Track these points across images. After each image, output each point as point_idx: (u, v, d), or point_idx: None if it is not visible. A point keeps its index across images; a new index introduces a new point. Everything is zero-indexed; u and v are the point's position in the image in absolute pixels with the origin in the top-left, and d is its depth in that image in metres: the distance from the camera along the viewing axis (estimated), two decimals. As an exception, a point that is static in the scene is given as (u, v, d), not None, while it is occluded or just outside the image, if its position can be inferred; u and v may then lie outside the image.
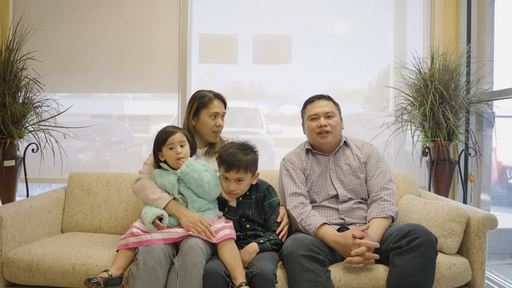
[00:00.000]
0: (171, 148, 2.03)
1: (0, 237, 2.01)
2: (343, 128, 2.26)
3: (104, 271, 1.84)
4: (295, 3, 3.14)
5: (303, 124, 2.29)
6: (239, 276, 1.80)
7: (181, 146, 2.04)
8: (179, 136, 2.05)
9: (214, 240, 1.87)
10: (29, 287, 2.02)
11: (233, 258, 1.84)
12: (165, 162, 2.09)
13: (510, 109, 2.74)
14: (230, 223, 1.98)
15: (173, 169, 2.06)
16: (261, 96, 3.30)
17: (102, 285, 1.77)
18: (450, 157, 2.72)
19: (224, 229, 1.91)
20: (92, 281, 1.75)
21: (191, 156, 2.10)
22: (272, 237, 1.99)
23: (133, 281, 1.79)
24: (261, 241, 1.96)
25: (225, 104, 2.29)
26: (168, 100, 3.16)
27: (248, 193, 2.07)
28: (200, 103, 2.23)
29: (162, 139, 2.05)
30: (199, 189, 1.98)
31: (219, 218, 2.01)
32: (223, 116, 2.28)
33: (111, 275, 1.82)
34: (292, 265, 1.80)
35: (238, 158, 1.93)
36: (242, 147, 1.99)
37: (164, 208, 1.98)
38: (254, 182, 2.06)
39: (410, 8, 3.16)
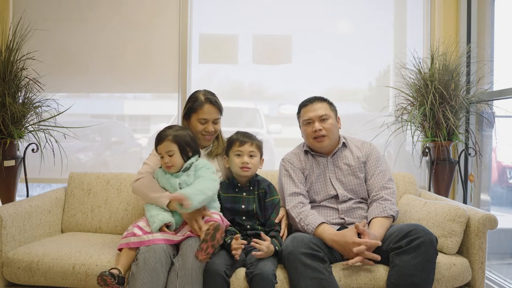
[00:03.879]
0: (162, 157, 2.04)
1: (0, 237, 2.01)
2: (340, 128, 2.25)
3: (113, 268, 1.83)
4: (295, 3, 3.14)
5: (300, 127, 2.29)
6: None
7: (169, 155, 2.01)
8: (165, 146, 2.00)
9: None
10: (29, 287, 2.02)
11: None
12: None
13: (510, 109, 2.74)
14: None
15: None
16: (261, 96, 3.30)
17: (117, 280, 1.77)
18: (450, 157, 2.72)
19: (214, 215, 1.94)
20: (107, 273, 1.75)
21: (195, 154, 2.06)
22: (277, 247, 1.94)
23: (134, 280, 1.79)
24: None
25: (220, 109, 2.22)
26: (168, 100, 3.16)
27: (251, 188, 2.09)
28: (190, 107, 2.20)
29: (155, 145, 2.06)
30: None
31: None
32: (216, 121, 2.21)
33: (120, 273, 1.82)
34: (293, 264, 1.80)
35: (251, 135, 2.12)
36: (250, 133, 2.14)
37: (166, 206, 1.98)
38: (261, 167, 2.13)
39: (410, 8, 3.16)
